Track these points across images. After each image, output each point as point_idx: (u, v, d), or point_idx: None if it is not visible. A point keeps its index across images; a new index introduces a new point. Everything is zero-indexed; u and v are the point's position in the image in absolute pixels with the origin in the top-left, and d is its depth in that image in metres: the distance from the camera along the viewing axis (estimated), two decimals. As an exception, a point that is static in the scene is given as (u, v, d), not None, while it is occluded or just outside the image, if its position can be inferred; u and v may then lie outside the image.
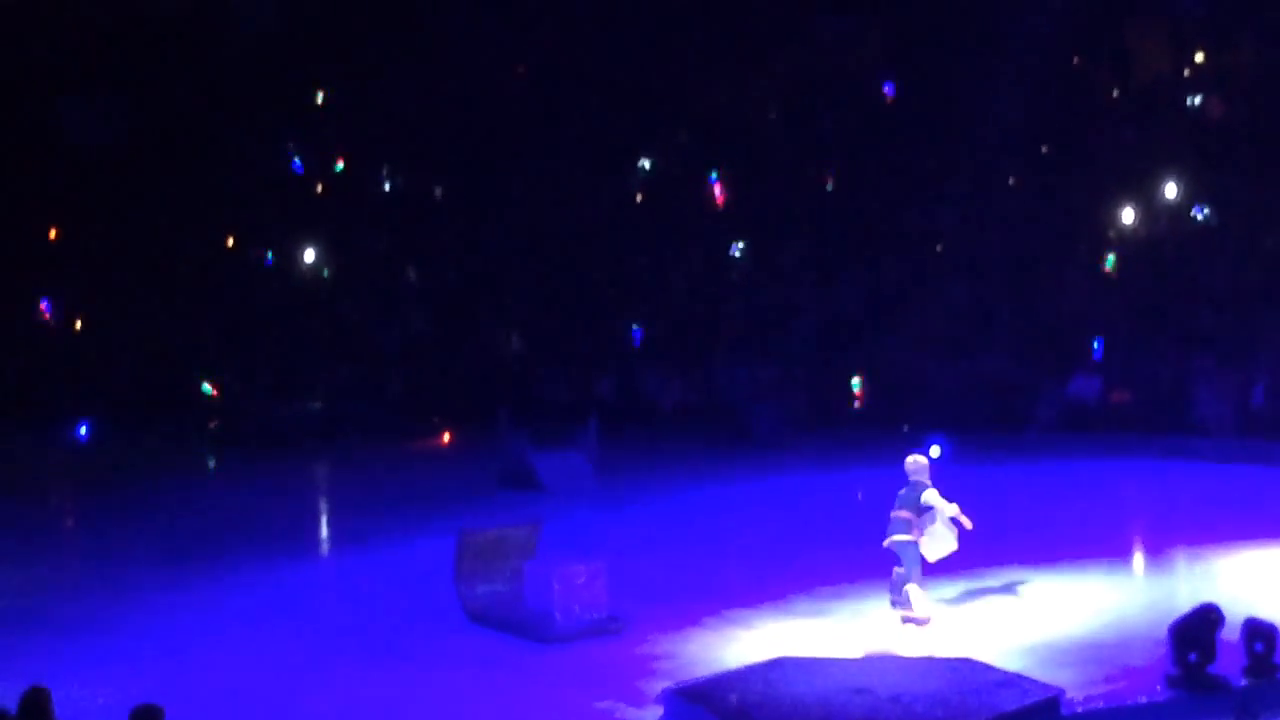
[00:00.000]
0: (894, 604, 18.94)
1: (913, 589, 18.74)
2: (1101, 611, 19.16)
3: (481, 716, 16.06)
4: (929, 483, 18.99)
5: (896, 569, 19.01)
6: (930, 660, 16.33)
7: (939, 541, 18.93)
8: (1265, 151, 36.82)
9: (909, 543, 18.87)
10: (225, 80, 43.53)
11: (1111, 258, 36.90)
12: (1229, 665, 16.20)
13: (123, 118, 43.72)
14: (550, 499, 27.17)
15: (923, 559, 18.81)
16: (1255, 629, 16.47)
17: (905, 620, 18.68)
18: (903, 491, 19.12)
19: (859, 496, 26.87)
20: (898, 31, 42.21)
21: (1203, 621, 16.23)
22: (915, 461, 19.32)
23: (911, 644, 17.84)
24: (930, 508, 18.85)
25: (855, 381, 35.52)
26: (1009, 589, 20.38)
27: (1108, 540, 22.34)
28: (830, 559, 22.18)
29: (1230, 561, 21.34)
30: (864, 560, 21.97)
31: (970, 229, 39.05)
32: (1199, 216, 37.16)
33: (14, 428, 32.58)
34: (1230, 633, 16.34)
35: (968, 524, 18.75)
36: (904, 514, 19.06)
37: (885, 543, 19.04)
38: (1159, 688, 15.97)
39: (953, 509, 18.79)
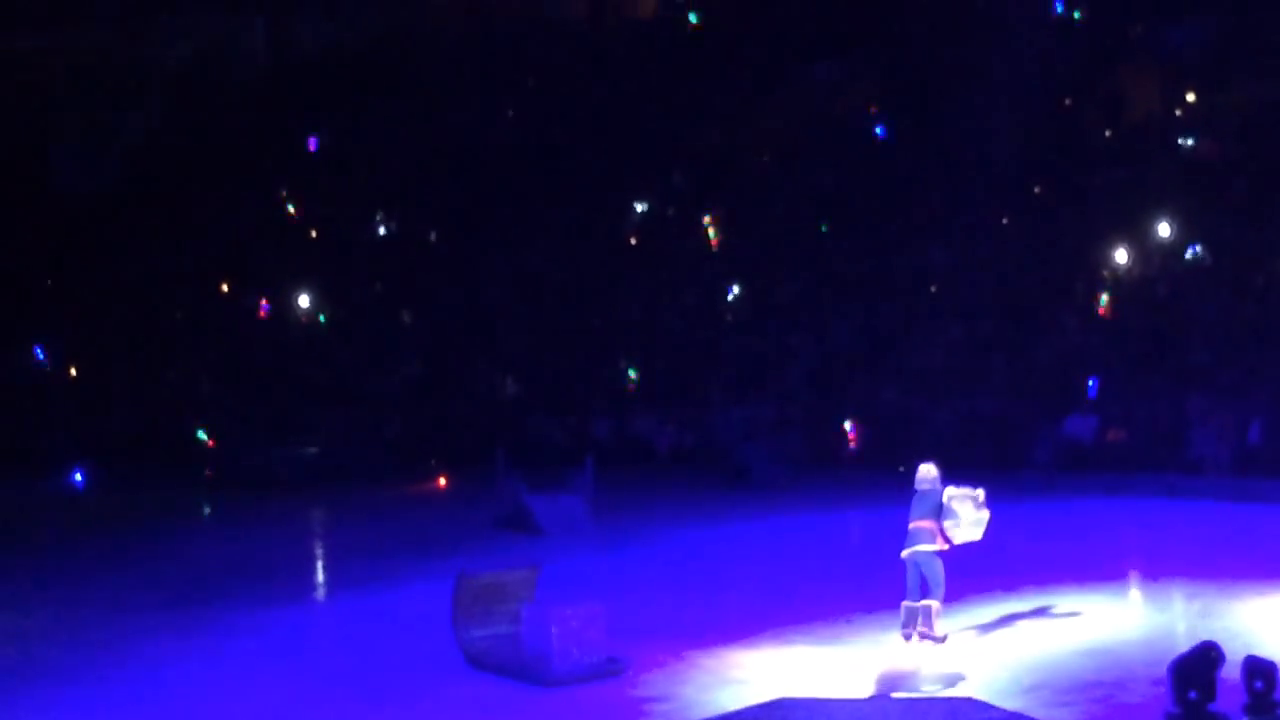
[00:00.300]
0: (905, 636, 19.02)
1: (935, 605, 18.93)
2: (1100, 649, 19.13)
3: (481, 760, 16.02)
4: (941, 488, 19.24)
5: (905, 602, 19.06)
6: (930, 700, 16.30)
7: (971, 528, 19.32)
8: (1258, 189, 36.95)
9: (933, 554, 19.06)
10: (218, 127, 43.66)
11: (1105, 297, 36.95)
12: (1229, 703, 16.16)
13: (116, 165, 43.83)
14: (547, 542, 27.15)
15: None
16: (1255, 667, 16.41)
17: (923, 638, 18.88)
18: (915, 501, 19.35)
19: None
20: (890, 74, 42.42)
21: (1202, 659, 16.17)
22: (927, 470, 19.55)
23: (910, 683, 17.81)
24: (953, 511, 19.14)
25: (847, 425, 35.49)
26: (1007, 627, 20.35)
27: (1106, 578, 22.32)
28: (828, 598, 22.15)
29: (1229, 599, 21.32)
30: (861, 599, 21.99)
31: (964, 270, 39.13)
32: (1192, 255, 37.25)
33: (9, 475, 32.53)
34: (1230, 671, 16.32)
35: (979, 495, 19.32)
36: (926, 523, 19.26)
37: (905, 553, 19.20)
38: (1160, 727, 15.92)
39: (977, 492, 19.30)
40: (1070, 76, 41.82)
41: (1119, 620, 20.38)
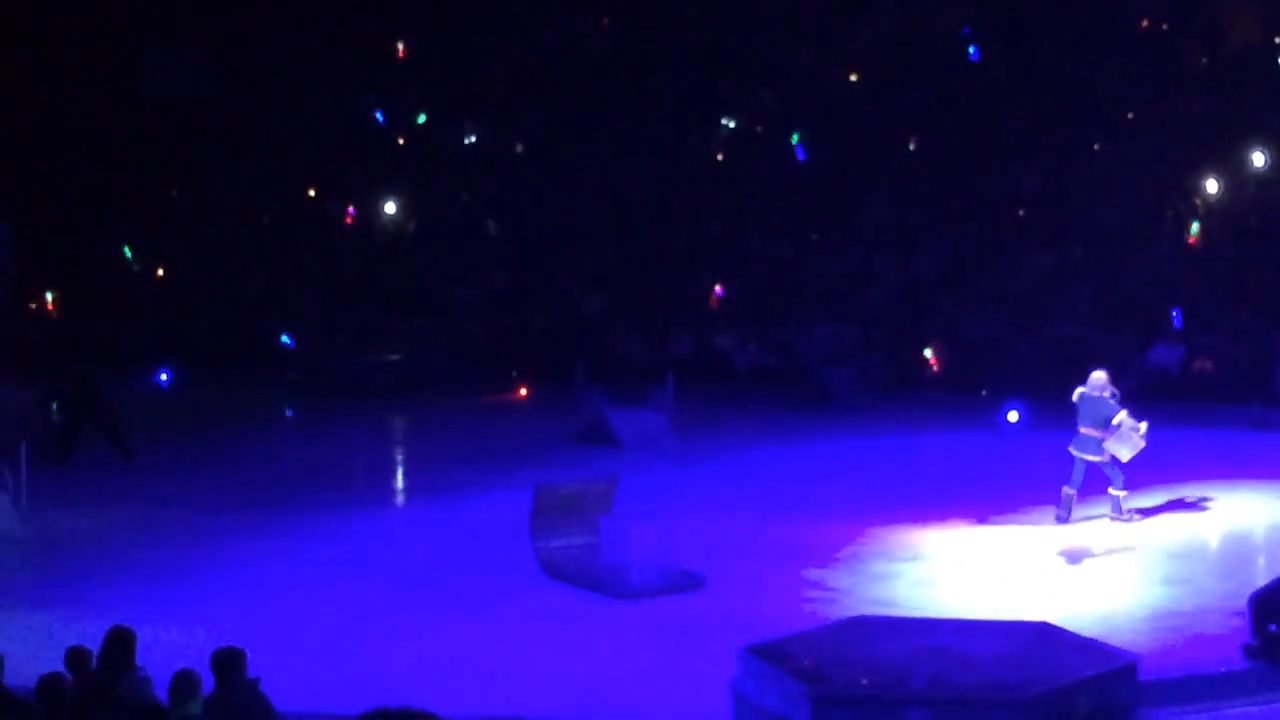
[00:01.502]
0: (1058, 519, 21.41)
1: (1120, 494, 21.05)
2: (1179, 580, 19.07)
3: (555, 670, 16.14)
4: (1112, 399, 20.94)
5: (1065, 489, 21.23)
6: (1006, 622, 16.27)
7: (1128, 444, 20.78)
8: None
9: (1107, 459, 21.01)
10: (308, 33, 43.69)
11: (1195, 226, 36.56)
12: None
13: (206, 71, 44.00)
14: (626, 456, 27.20)
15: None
16: (1335, 601, 16.34)
17: (1115, 520, 21.10)
18: (1083, 404, 21.14)
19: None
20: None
21: (1283, 592, 16.12)
22: (1098, 377, 21.12)
23: (985, 606, 17.81)
24: (1118, 432, 20.89)
25: (929, 351, 35.30)
26: (1087, 554, 20.30)
27: (1187, 508, 22.19)
28: (907, 520, 22.14)
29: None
30: (937, 520, 21.99)
31: (1053, 195, 38.79)
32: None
33: (98, 373, 32.74)
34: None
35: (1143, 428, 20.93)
36: (1094, 432, 21.13)
37: (1072, 449, 21.27)
38: (1237, 658, 15.88)
39: (1141, 425, 20.80)
40: (1168, 2, 41.25)
41: (1199, 551, 20.29)
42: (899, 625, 15.66)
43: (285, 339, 38.69)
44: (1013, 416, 30.22)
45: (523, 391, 35.87)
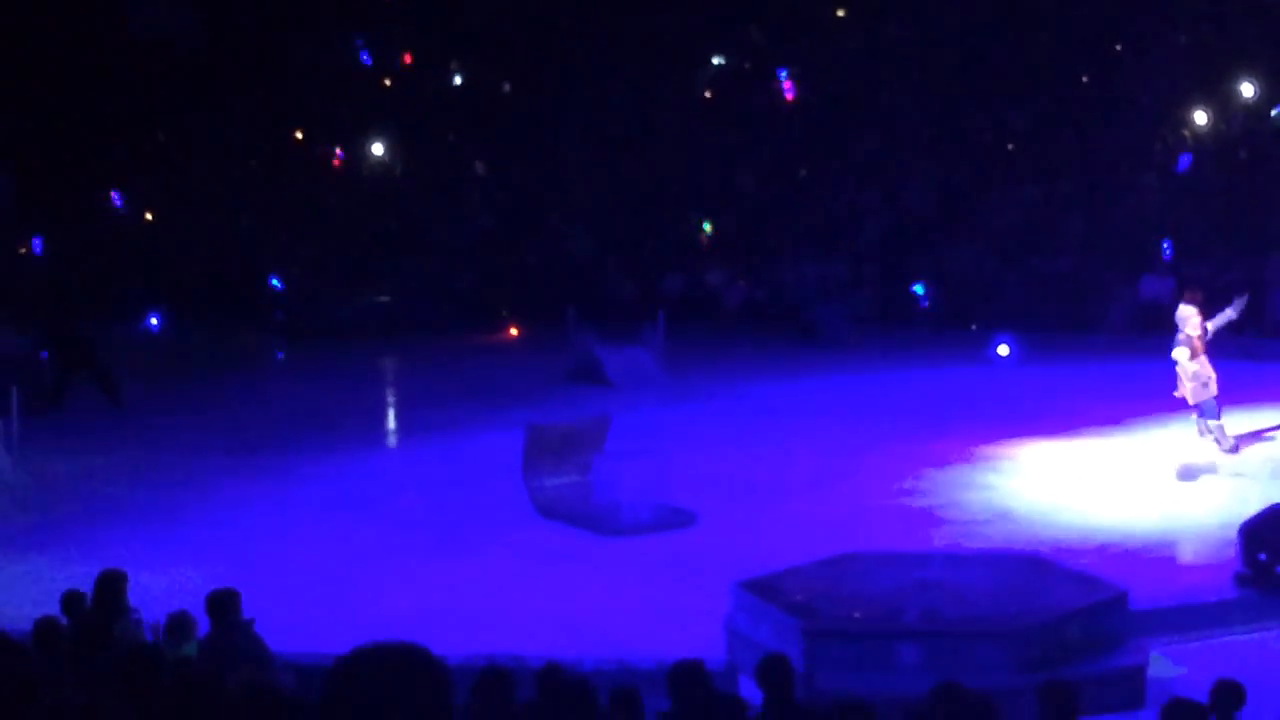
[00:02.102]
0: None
1: (1214, 425, 21.06)
2: (1171, 511, 19.12)
3: (550, 607, 16.19)
4: (1188, 333, 20.72)
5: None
6: (998, 555, 16.34)
7: (1193, 390, 20.84)
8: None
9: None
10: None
11: (1181, 158, 36.51)
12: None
13: (192, 12, 43.77)
14: (617, 394, 27.22)
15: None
16: (1326, 530, 16.40)
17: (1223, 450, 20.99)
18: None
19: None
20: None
21: (1273, 521, 16.18)
22: (1182, 310, 21.08)
23: (977, 538, 17.87)
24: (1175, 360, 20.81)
25: (919, 287, 35.28)
26: (1080, 486, 20.35)
27: (1179, 440, 22.23)
28: (898, 456, 22.18)
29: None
30: (932, 456, 22.02)
31: (1041, 129, 38.71)
32: (1276, 115, 36.70)
33: (86, 319, 32.73)
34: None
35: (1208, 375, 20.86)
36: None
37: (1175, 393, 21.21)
38: (1228, 587, 15.94)
39: (1192, 366, 20.68)
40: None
41: (1191, 482, 20.33)
42: (891, 559, 15.70)
43: (274, 282, 38.62)
44: (1003, 350, 30.27)
45: (513, 331, 35.86)
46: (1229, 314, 21.28)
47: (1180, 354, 20.73)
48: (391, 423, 28.92)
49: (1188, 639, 15.16)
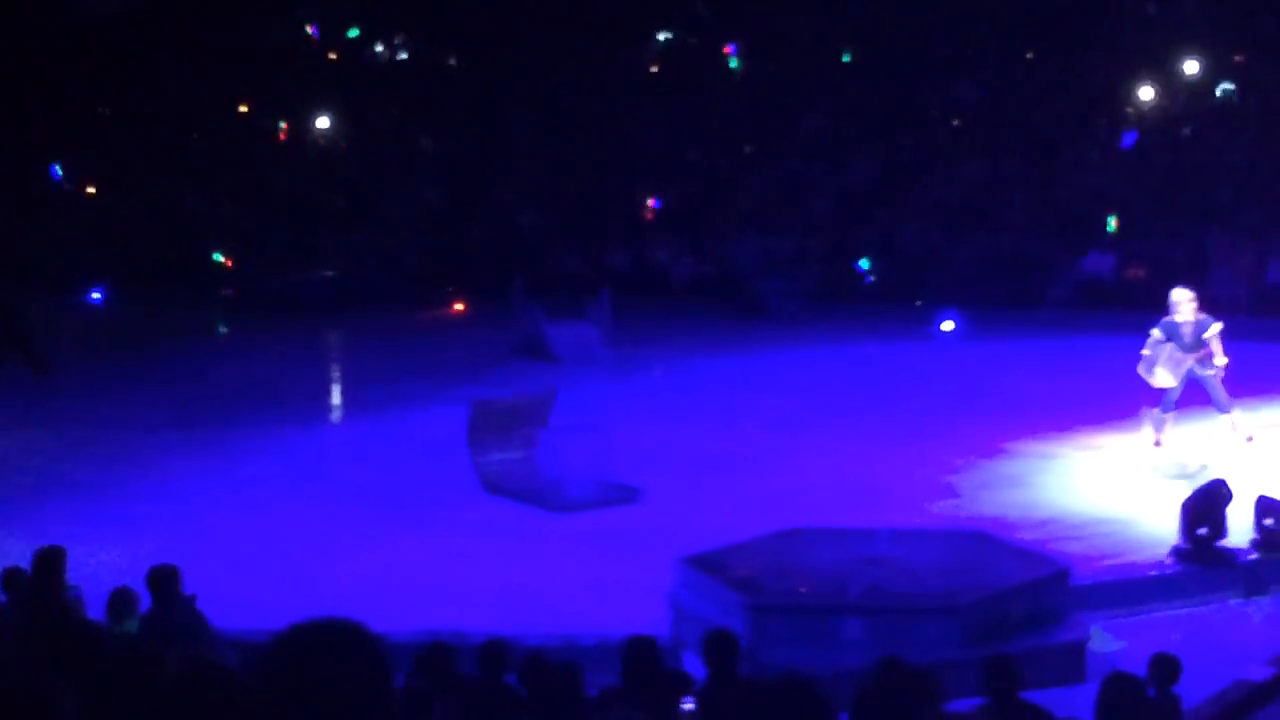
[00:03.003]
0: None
1: (1231, 418, 20.33)
2: (1113, 486, 19.24)
3: (494, 583, 16.19)
4: (1178, 319, 20.20)
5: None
6: (943, 530, 16.42)
7: (1159, 374, 20.10)
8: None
9: (1211, 375, 20.14)
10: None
11: (1125, 135, 36.66)
12: (1239, 540, 16.29)
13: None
14: (563, 370, 27.18)
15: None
16: (1266, 505, 16.55)
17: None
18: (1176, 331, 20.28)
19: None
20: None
21: (1213, 497, 16.30)
22: (1178, 294, 20.55)
23: (921, 516, 17.93)
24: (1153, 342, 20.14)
25: (865, 261, 35.31)
26: (1023, 462, 20.45)
27: (1121, 416, 22.31)
28: (843, 430, 22.24)
29: (1242, 437, 21.35)
30: (877, 431, 22.08)
31: (987, 105, 38.82)
32: (1220, 93, 36.90)
33: (29, 293, 32.49)
34: (1240, 509, 16.42)
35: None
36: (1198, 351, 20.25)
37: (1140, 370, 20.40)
38: (1169, 561, 16.06)
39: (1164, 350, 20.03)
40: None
41: (1133, 458, 20.44)
42: (836, 535, 15.76)
43: (218, 257, 38.39)
44: (947, 326, 30.37)
45: (459, 306, 35.77)
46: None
47: (1155, 335, 20.38)
48: (336, 398, 28.83)
49: (1129, 613, 15.28)
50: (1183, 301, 20.22)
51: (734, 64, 42.25)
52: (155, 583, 11.69)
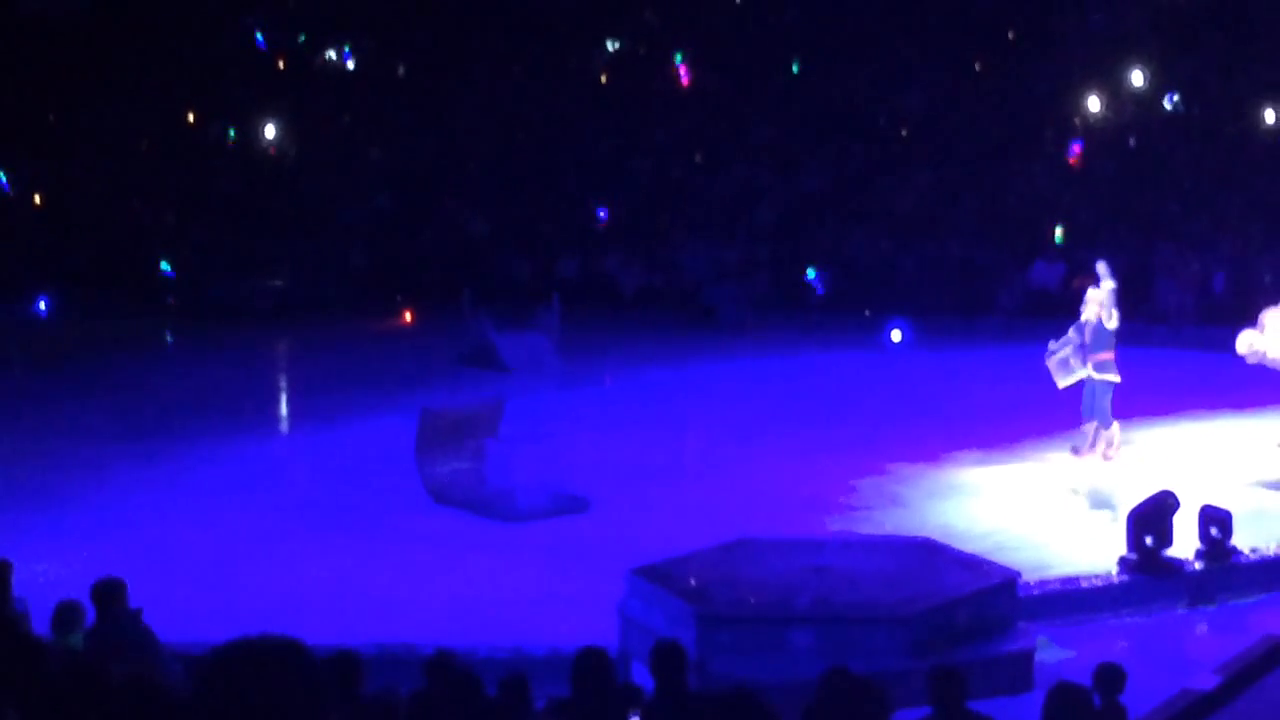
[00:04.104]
0: (1074, 450, 20.59)
1: (1092, 428, 20.48)
2: (1060, 495, 19.33)
3: (443, 594, 16.15)
4: (1095, 316, 20.47)
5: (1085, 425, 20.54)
6: (890, 540, 16.45)
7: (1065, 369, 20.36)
8: (1231, 38, 36.79)
9: (1109, 384, 20.41)
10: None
11: (1071, 145, 36.84)
12: (1185, 550, 16.37)
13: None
14: (512, 379, 27.14)
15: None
16: (1211, 515, 16.64)
17: (1105, 458, 20.47)
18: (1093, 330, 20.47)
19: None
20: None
21: (1159, 507, 16.38)
22: (1093, 293, 20.82)
23: (868, 525, 17.97)
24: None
25: (811, 271, 35.36)
26: (970, 472, 20.52)
27: (1068, 426, 22.41)
28: (792, 441, 22.27)
29: (1187, 448, 21.51)
30: (826, 442, 22.12)
31: (935, 114, 38.95)
32: (1168, 105, 37.12)
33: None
34: (1186, 518, 16.51)
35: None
36: (1105, 355, 20.55)
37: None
38: (1116, 571, 16.13)
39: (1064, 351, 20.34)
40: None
41: (1079, 467, 20.54)
42: (784, 545, 15.78)
43: (164, 265, 38.18)
44: (896, 336, 30.46)
45: (408, 316, 35.69)
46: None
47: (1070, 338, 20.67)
48: (284, 407, 28.72)
49: (1076, 622, 15.35)
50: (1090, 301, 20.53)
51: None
52: (100, 596, 11.59)
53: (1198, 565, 16.30)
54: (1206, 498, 17.23)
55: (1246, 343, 20.17)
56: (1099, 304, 20.68)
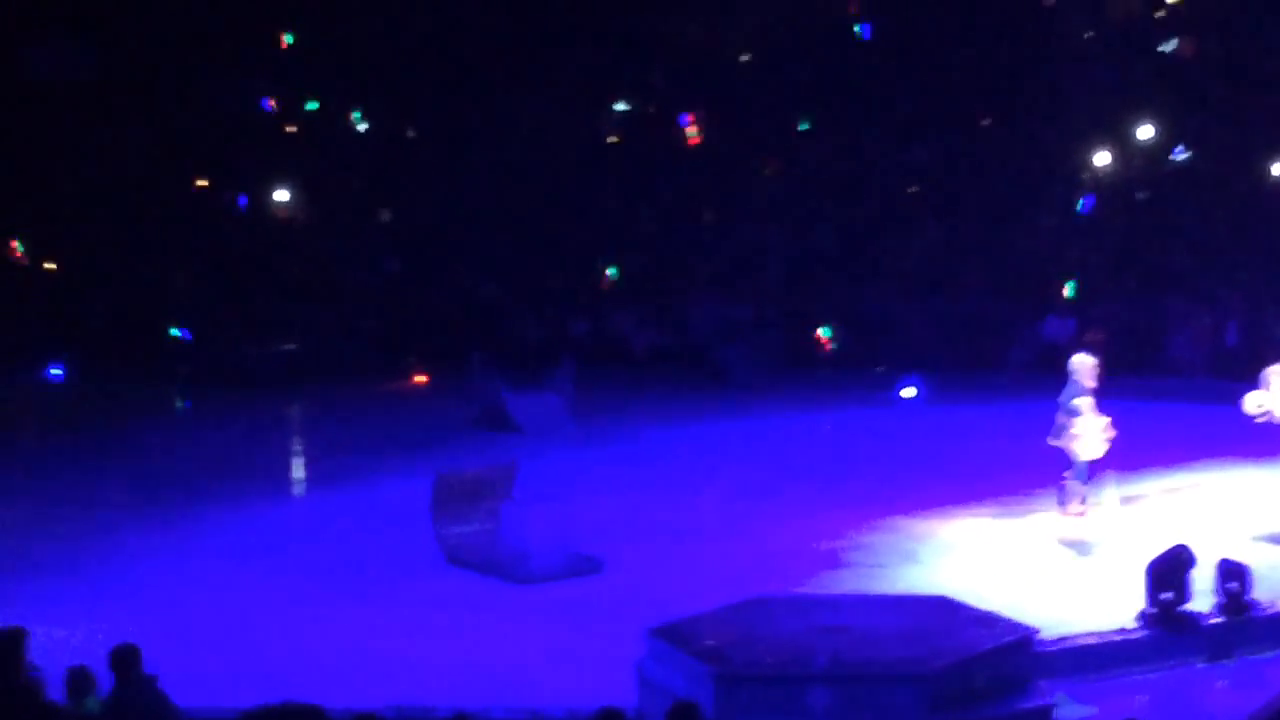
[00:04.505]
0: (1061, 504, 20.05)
1: (1072, 485, 19.82)
2: (1076, 551, 19.26)
3: (460, 655, 16.11)
4: (1087, 385, 19.78)
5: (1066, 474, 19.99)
6: (905, 598, 16.40)
7: (1089, 443, 19.70)
8: (1239, 91, 36.86)
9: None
10: (194, 19, 43.24)
11: (1083, 200, 36.89)
12: (1203, 605, 16.31)
13: (92, 56, 43.41)
14: (525, 440, 27.15)
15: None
16: (1229, 569, 16.58)
17: (1066, 515, 19.83)
18: (1067, 388, 19.93)
19: (827, 428, 27.31)
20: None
21: (1176, 561, 16.33)
22: (1080, 361, 20.07)
23: (885, 584, 17.92)
24: (1077, 411, 19.67)
25: (822, 330, 35.41)
26: (985, 527, 20.47)
27: (1087, 481, 22.36)
28: (806, 499, 22.24)
29: (1201, 502, 21.46)
30: (840, 500, 22.09)
31: (943, 170, 39.02)
32: (1177, 158, 37.16)
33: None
34: (1204, 572, 16.45)
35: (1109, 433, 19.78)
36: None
37: (1050, 440, 19.98)
38: (1134, 626, 16.07)
39: (1101, 421, 19.67)
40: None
41: (1096, 522, 20.47)
42: (800, 603, 15.74)
43: (177, 331, 38.25)
44: (909, 392, 30.44)
45: (420, 378, 35.71)
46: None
47: (1085, 404, 20.29)
48: (298, 471, 28.70)
49: (1095, 679, 15.28)
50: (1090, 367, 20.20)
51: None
52: (117, 662, 11.59)
53: (1216, 620, 16.23)
54: (1222, 551, 17.17)
55: (1254, 403, 20.19)
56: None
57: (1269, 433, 21.15)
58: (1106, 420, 19.86)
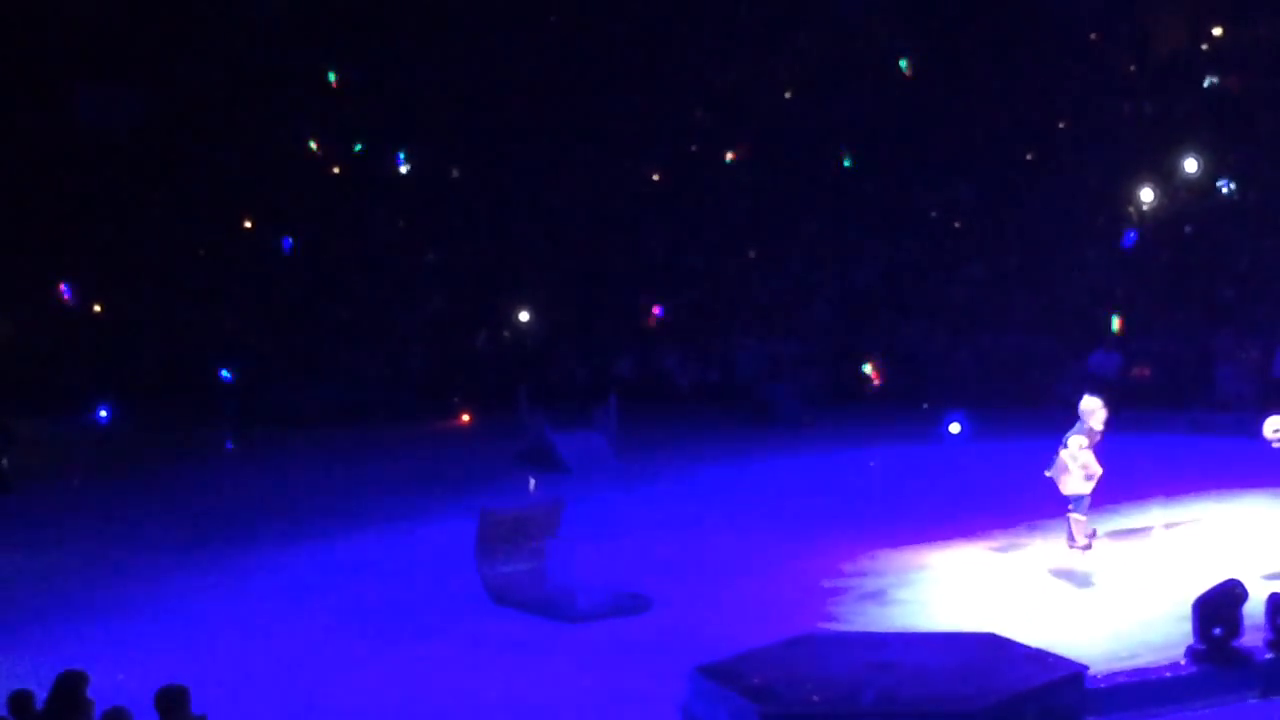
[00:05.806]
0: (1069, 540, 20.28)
1: (1075, 518, 20.10)
2: (1126, 586, 19.14)
3: (505, 696, 16.08)
4: (1094, 427, 20.25)
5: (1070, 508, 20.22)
6: (954, 635, 16.31)
7: (1071, 480, 20.05)
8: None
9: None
10: (240, 63, 43.58)
11: (1126, 234, 36.78)
12: (1254, 640, 16.17)
13: (140, 102, 43.79)
14: (571, 479, 27.17)
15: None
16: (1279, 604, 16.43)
17: (1071, 548, 20.09)
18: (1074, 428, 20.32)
19: (871, 464, 27.21)
20: (917, 8, 42.17)
21: (1227, 596, 16.19)
22: (1089, 403, 20.55)
23: (932, 620, 17.84)
24: (1066, 446, 20.12)
25: (868, 366, 35.39)
26: (1034, 562, 20.37)
27: (1131, 515, 22.27)
28: (852, 536, 22.16)
29: (1250, 535, 21.30)
30: (886, 536, 22.01)
31: (988, 205, 38.98)
32: (1224, 190, 37.03)
33: (35, 411, 32.59)
34: (1255, 607, 16.32)
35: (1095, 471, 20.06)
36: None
37: (1047, 473, 20.32)
38: (1184, 662, 15.94)
39: (1084, 456, 19.95)
40: (1096, 11, 41.54)
41: (1145, 556, 20.37)
42: (847, 641, 15.69)
43: (224, 373, 38.46)
44: (955, 428, 30.33)
45: (465, 417, 35.77)
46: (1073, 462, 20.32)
47: (1077, 441, 20.40)
48: (344, 511, 28.74)
49: (1144, 715, 15.14)
50: (1096, 410, 20.50)
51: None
52: (165, 704, 11.62)
53: (1268, 655, 16.08)
54: (1272, 585, 17.03)
55: (1273, 428, 20.20)
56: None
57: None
58: (1090, 458, 19.92)
